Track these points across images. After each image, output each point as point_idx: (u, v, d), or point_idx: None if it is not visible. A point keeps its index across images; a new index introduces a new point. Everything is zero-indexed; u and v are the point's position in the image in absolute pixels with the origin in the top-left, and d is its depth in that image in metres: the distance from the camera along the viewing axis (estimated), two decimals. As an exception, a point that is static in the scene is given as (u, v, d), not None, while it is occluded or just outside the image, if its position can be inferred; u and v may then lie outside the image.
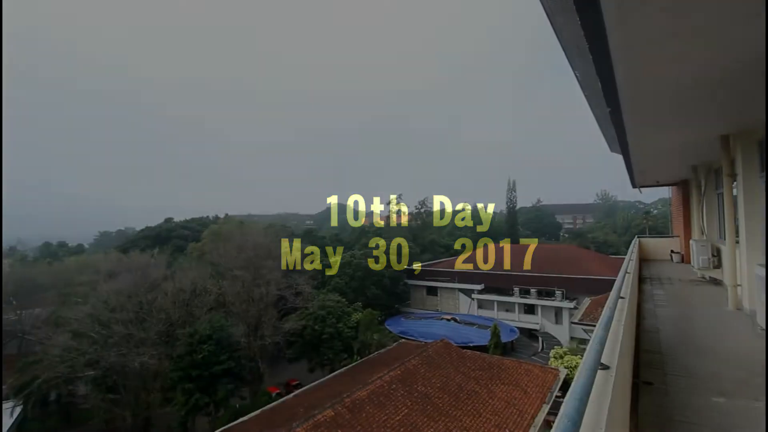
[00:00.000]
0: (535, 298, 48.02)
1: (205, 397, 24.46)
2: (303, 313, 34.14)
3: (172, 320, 27.44)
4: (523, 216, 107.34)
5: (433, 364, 19.68)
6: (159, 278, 29.23)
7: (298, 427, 13.58)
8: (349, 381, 21.15)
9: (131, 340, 25.08)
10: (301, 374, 38.53)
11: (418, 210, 77.07)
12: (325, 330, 33.25)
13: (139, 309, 26.30)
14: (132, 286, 27.25)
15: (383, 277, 50.18)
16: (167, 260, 35.35)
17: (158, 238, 59.14)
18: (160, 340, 26.26)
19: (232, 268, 32.38)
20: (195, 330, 25.51)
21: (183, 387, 24.19)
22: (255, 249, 33.05)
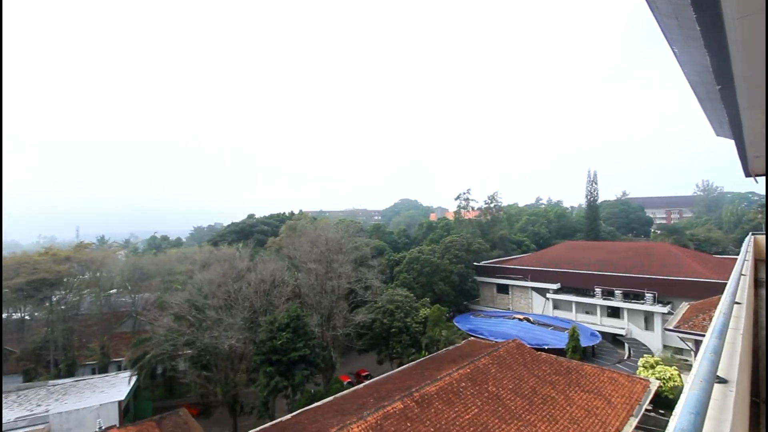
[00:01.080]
0: (621, 300, 43.87)
1: (283, 381, 26.26)
2: (372, 306, 35.01)
3: (255, 308, 29.85)
4: (606, 210, 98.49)
5: (505, 364, 18.98)
6: (244, 269, 31.96)
7: (369, 416, 13.99)
8: (417, 375, 21.26)
9: (221, 325, 27.78)
10: (370, 365, 39.63)
11: (487, 205, 74.43)
12: (394, 324, 33.77)
13: (227, 297, 29.02)
14: (221, 276, 30.13)
15: (451, 273, 49.48)
16: (250, 253, 38.47)
17: (242, 232, 64.55)
18: (245, 326, 28.73)
19: (306, 262, 34.24)
20: (274, 318, 27.48)
21: (264, 370, 26.23)
22: (327, 243, 34.55)
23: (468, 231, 64.61)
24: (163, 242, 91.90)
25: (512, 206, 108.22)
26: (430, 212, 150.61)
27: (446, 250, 52.67)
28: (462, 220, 72.24)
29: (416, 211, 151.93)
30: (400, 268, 48.25)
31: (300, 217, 63.22)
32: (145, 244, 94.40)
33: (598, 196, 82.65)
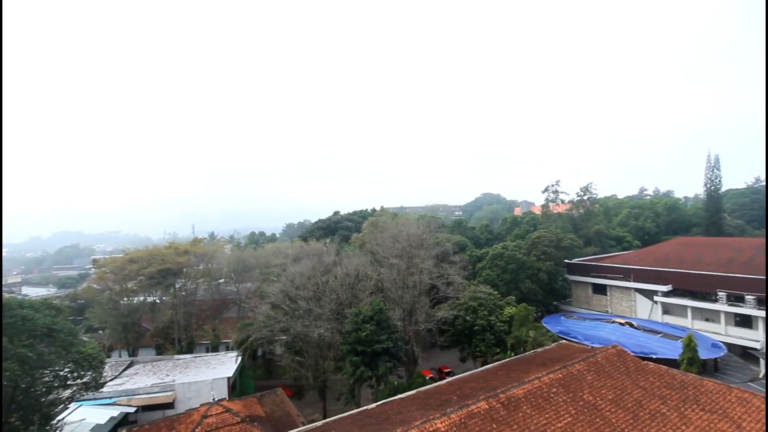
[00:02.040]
0: (755, 307, 37.03)
1: (368, 371, 27.32)
2: (454, 303, 34.54)
3: (341, 300, 31.46)
4: (733, 201, 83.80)
5: (603, 372, 17.31)
6: (330, 263, 33.88)
7: (453, 413, 13.87)
8: (503, 376, 20.47)
9: (311, 315, 29.85)
10: (452, 362, 39.21)
11: (580, 197, 68.29)
12: (477, 322, 32.91)
13: (316, 289, 31.07)
14: (310, 269, 32.34)
15: (539, 270, 46.53)
16: (336, 248, 40.60)
17: (328, 228, 68.36)
18: (332, 317, 30.47)
19: (388, 257, 35.03)
20: (359, 310, 28.67)
21: (350, 359, 27.56)
22: (408, 239, 34.91)
23: (557, 226, 60.05)
24: (260, 238, 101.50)
25: (609, 198, 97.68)
26: (515, 206, 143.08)
27: (533, 246, 49.66)
28: (550, 215, 67.35)
29: (499, 206, 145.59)
30: (482, 265, 46.79)
31: (381, 214, 64.79)
32: (246, 240, 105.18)
33: (720, 185, 70.51)
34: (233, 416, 21.59)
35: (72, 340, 23.14)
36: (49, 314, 22.16)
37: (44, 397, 21.84)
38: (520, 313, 33.30)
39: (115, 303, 42.19)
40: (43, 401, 21.80)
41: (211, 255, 49.32)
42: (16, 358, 19.31)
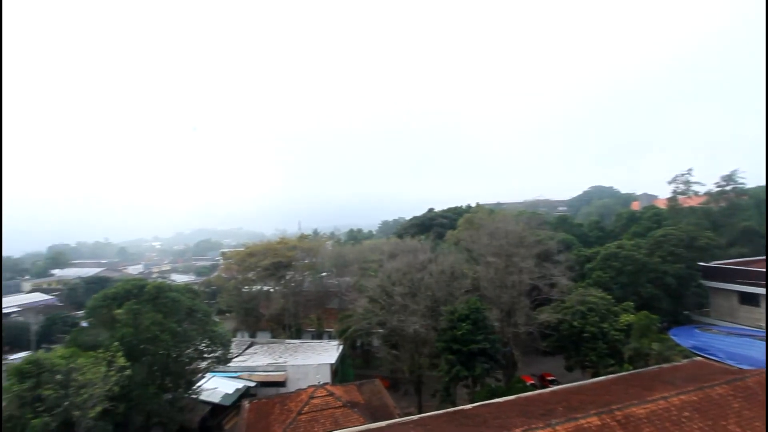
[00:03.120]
0: None
1: (464, 370, 26.81)
2: (559, 306, 31.91)
3: (436, 297, 31.42)
4: None
5: (756, 400, 14.29)
6: (425, 260, 34.06)
7: (558, 425, 12.85)
8: (618, 391, 18.24)
9: (406, 310, 30.41)
10: (556, 370, 36.29)
11: (721, 188, 57.04)
12: (587, 328, 29.90)
13: (411, 285, 31.54)
14: (406, 266, 32.92)
15: (664, 274, 40.31)
16: (431, 245, 40.68)
17: (422, 225, 68.75)
18: (427, 313, 30.63)
19: (484, 255, 33.85)
20: (454, 309, 28.29)
21: (446, 357, 27.38)
22: (506, 236, 33.27)
23: (689, 222, 51.20)
24: (358, 234, 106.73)
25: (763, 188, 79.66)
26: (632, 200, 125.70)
27: (657, 245, 43.19)
28: (680, 209, 57.68)
29: (612, 200, 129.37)
30: (592, 265, 42.26)
31: (477, 210, 62.84)
32: (345, 236, 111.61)
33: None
34: (336, 400, 23.17)
35: (207, 320, 27.30)
36: (190, 297, 26.42)
37: (188, 365, 26.19)
38: (641, 321, 29.25)
39: (238, 290, 48.47)
40: (187, 369, 26.15)
41: (315, 250, 53.50)
42: (169, 332, 23.44)
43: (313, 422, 21.87)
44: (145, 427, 25.12)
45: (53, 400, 16.34)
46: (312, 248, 53.33)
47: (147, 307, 23.34)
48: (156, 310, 23.56)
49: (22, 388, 16.24)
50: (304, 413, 22.20)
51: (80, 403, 16.98)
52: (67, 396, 16.75)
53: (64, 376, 17.05)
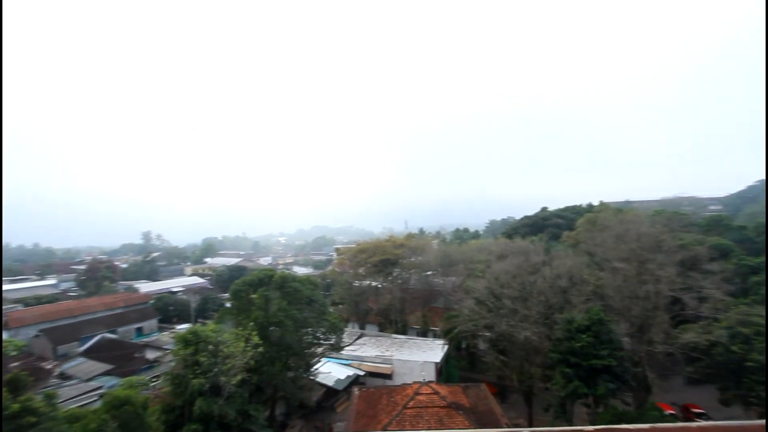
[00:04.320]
0: None
1: (583, 387, 24.14)
2: (711, 325, 26.55)
3: (550, 304, 28.95)
4: None
5: None
6: (538, 263, 31.65)
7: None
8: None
9: (516, 315, 28.69)
10: (705, 402, 30.35)
11: None
12: (751, 356, 24.28)
13: (522, 289, 29.64)
14: (516, 268, 31.07)
15: None
16: (544, 247, 37.64)
17: (535, 225, 64.12)
18: (539, 320, 28.43)
19: (610, 260, 30.01)
20: (572, 318, 25.69)
21: (561, 370, 25.01)
22: (638, 239, 28.95)
23: None
24: (464, 234, 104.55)
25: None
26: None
27: None
28: None
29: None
30: (761, 278, 34.10)
31: (601, 209, 55.99)
32: (451, 236, 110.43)
33: None
34: (441, 399, 23.12)
35: (324, 309, 29.80)
36: (310, 288, 29.12)
37: (307, 349, 28.97)
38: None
39: (349, 284, 51.79)
40: (306, 352, 28.93)
41: (421, 249, 54.10)
42: (292, 317, 26.26)
43: (418, 417, 22.18)
44: (273, 399, 28.65)
45: (207, 366, 19.74)
46: (418, 247, 54.09)
47: (275, 294, 26.57)
48: (282, 297, 26.67)
49: (186, 352, 20.03)
50: (410, 408, 22.68)
51: (225, 371, 20.17)
52: (216, 363, 20.07)
53: (215, 347, 20.45)
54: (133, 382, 22.48)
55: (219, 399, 19.76)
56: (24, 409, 12.13)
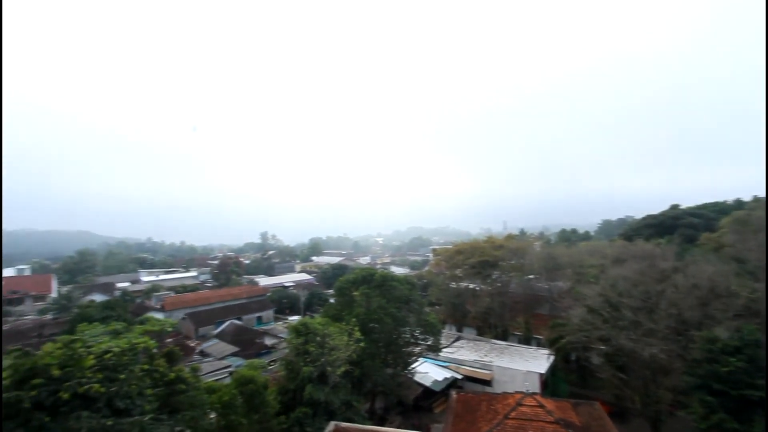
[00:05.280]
0: None
1: (732, 422, 20.06)
2: None
3: (684, 318, 24.75)
4: None
5: None
6: (668, 270, 27.32)
7: None
8: None
9: (639, 328, 25.16)
10: None
11: None
12: None
13: (646, 298, 25.89)
14: (638, 274, 27.27)
15: None
16: (675, 251, 32.34)
17: (661, 226, 55.52)
18: (670, 336, 24.51)
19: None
20: (716, 336, 21.57)
21: (701, 398, 21.16)
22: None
23: None
24: (572, 235, 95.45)
25: None
26: None
27: None
28: None
29: None
30: None
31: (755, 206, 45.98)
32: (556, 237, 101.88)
33: None
34: (547, 413, 21.41)
35: (421, 309, 30.04)
36: (408, 287, 29.62)
37: (404, 348, 29.51)
38: None
39: (446, 285, 51.31)
40: (404, 351, 29.48)
41: (523, 250, 50.95)
42: (391, 315, 27.03)
43: (520, 430, 20.89)
44: (373, 393, 29.84)
45: (315, 355, 21.49)
46: (519, 248, 51.06)
47: (375, 292, 27.68)
48: (381, 296, 27.65)
49: (297, 342, 22.10)
50: (512, 418, 21.48)
51: (331, 362, 21.70)
52: (323, 354, 21.72)
53: (321, 339, 22.15)
54: (255, 364, 25.59)
55: (326, 387, 21.32)
56: (177, 378, 14.76)
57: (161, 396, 14.52)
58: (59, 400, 10.81)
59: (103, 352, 12.58)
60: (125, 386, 12.14)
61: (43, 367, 10.99)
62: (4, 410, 10.79)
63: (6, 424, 10.68)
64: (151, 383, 14.27)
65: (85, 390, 11.05)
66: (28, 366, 11.01)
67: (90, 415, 10.89)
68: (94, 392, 11.19)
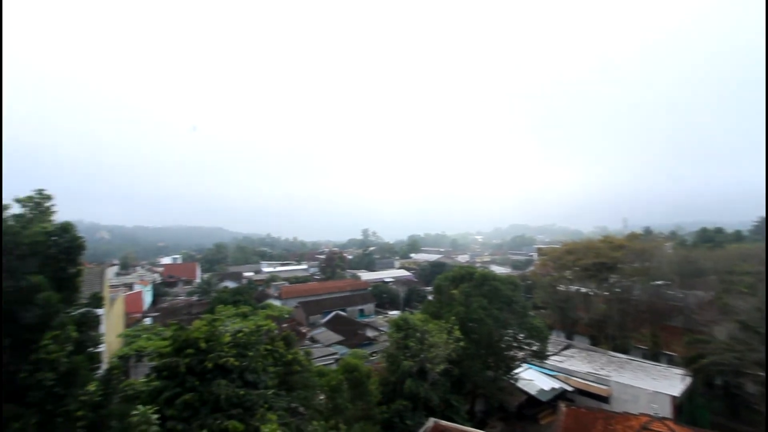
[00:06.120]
0: None
1: None
2: None
3: None
4: None
5: None
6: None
7: None
8: None
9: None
10: None
11: None
12: None
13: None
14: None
15: None
16: None
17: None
18: None
19: None
20: None
21: None
22: None
23: None
24: (716, 236, 79.74)
25: None
26: None
27: None
28: None
29: None
30: None
31: None
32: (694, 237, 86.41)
33: None
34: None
35: (525, 312, 28.38)
36: (510, 288, 28.23)
37: (506, 351, 28.22)
38: None
39: (553, 288, 47.45)
40: (506, 354, 28.20)
41: (650, 252, 44.39)
42: (492, 316, 26.10)
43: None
44: (473, 394, 29.19)
45: (414, 351, 21.92)
46: (645, 250, 44.59)
47: (475, 292, 27.00)
48: (482, 295, 26.84)
49: (398, 336, 22.80)
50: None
51: (430, 359, 21.88)
52: (422, 350, 22.03)
53: (421, 335, 22.47)
54: (359, 354, 27.15)
55: (425, 383, 21.59)
56: (293, 359, 16.52)
57: (279, 374, 16.37)
58: (205, 369, 12.95)
59: (236, 331, 14.67)
60: (253, 362, 13.97)
61: (193, 340, 13.28)
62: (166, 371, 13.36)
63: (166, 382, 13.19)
64: (272, 362, 16.19)
65: (223, 362, 13.05)
66: (183, 338, 13.42)
67: (227, 383, 12.82)
68: (230, 365, 13.14)
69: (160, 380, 13.12)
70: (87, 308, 12.53)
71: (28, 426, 9.72)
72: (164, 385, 12.90)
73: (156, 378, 13.26)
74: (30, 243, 11.57)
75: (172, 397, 12.50)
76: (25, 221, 12.69)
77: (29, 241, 11.58)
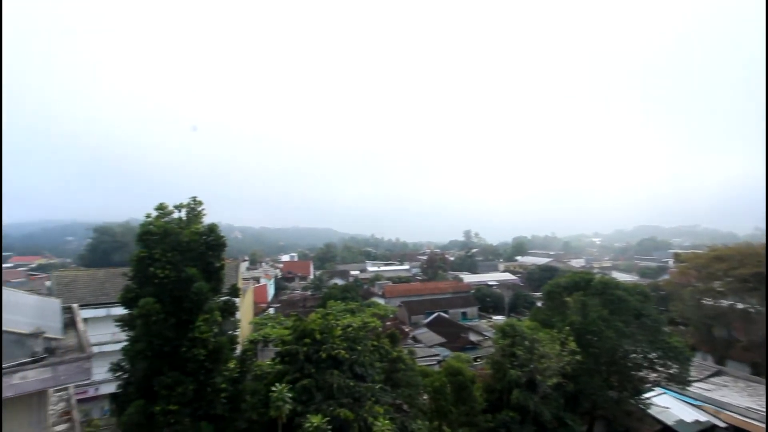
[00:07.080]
0: None
1: None
2: None
3: None
4: None
5: None
6: None
7: None
8: None
9: None
10: None
11: None
12: None
13: None
14: None
15: None
16: None
17: None
18: None
19: None
20: None
21: None
22: None
23: None
24: None
25: None
26: None
27: None
28: None
29: None
30: None
31: None
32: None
33: None
34: None
35: (658, 327, 24.52)
36: (639, 299, 24.69)
37: (634, 371, 24.69)
38: None
39: (696, 301, 40.00)
40: (633, 375, 24.69)
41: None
42: (614, 329, 23.17)
43: None
44: (591, 416, 26.21)
45: (523, 360, 20.60)
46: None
47: (594, 301, 24.20)
48: (602, 305, 23.94)
49: (504, 343, 21.71)
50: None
51: (541, 370, 20.32)
52: (531, 360, 20.58)
53: (530, 343, 21.03)
54: (462, 357, 26.62)
55: (534, 396, 20.14)
56: (398, 357, 17.03)
57: (385, 370, 17.00)
58: (320, 358, 14.16)
59: (346, 325, 15.72)
60: (361, 356, 14.79)
61: (310, 330, 14.63)
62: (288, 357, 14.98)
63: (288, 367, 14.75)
64: (378, 358, 16.91)
65: (335, 353, 14.09)
66: (302, 328, 14.88)
67: (339, 374, 13.81)
68: (341, 357, 14.12)
69: (282, 364, 14.77)
70: (228, 297, 14.76)
71: (188, 391, 11.90)
72: (286, 369, 14.48)
73: (279, 362, 14.96)
74: (187, 241, 14.12)
75: (293, 380, 13.95)
76: (183, 224, 15.49)
77: (186, 239, 14.15)
